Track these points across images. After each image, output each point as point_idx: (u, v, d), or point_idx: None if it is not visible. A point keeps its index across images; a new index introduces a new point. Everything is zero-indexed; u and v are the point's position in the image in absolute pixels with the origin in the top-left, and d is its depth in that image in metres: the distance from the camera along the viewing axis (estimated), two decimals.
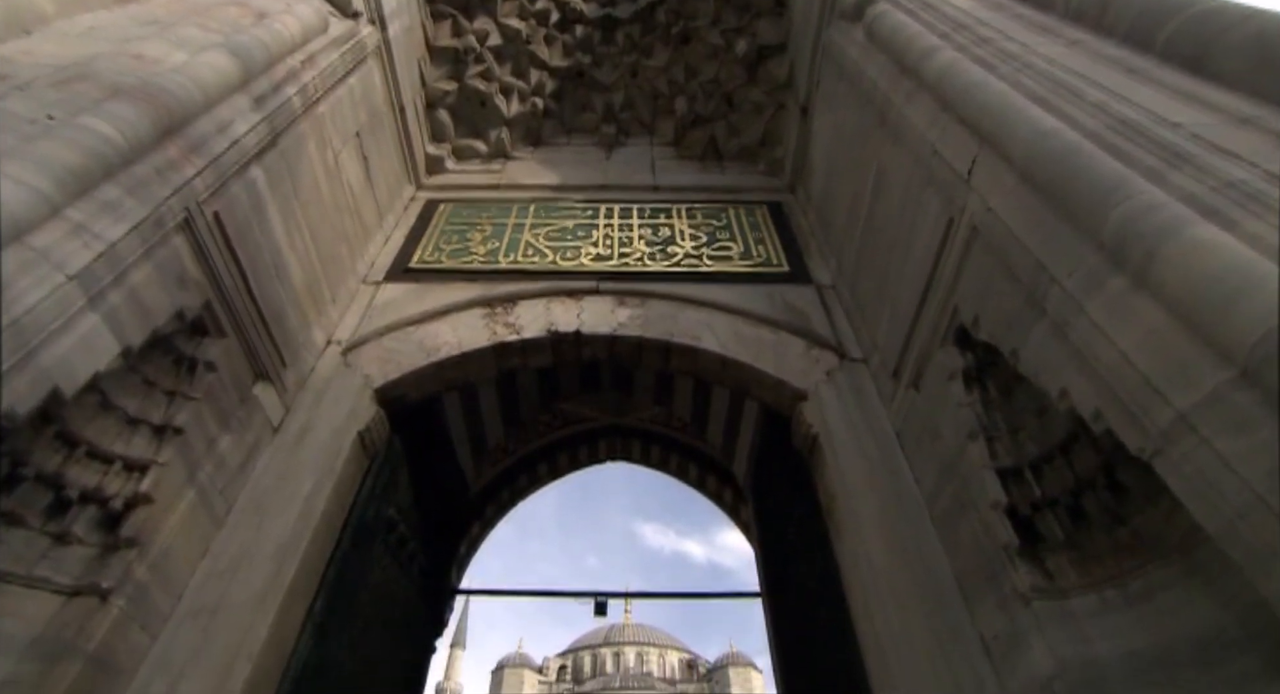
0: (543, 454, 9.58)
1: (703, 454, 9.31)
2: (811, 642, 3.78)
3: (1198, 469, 1.66)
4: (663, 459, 9.73)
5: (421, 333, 4.27)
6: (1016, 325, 2.50)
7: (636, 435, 9.73)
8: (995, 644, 2.64)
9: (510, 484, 9.49)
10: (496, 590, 10.24)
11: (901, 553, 3.05)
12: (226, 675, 2.59)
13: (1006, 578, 2.57)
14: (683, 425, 9.56)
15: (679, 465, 9.69)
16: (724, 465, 9.22)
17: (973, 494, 2.82)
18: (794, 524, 4.04)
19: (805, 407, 3.83)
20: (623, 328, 4.30)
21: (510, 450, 9.51)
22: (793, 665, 4.23)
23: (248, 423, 3.34)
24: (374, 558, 3.68)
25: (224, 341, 3.13)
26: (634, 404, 9.49)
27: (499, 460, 9.43)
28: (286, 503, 3.22)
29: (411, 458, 4.30)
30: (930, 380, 3.27)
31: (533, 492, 9.81)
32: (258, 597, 2.84)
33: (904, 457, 3.51)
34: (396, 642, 4.03)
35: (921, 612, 2.83)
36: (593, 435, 9.76)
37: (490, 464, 9.41)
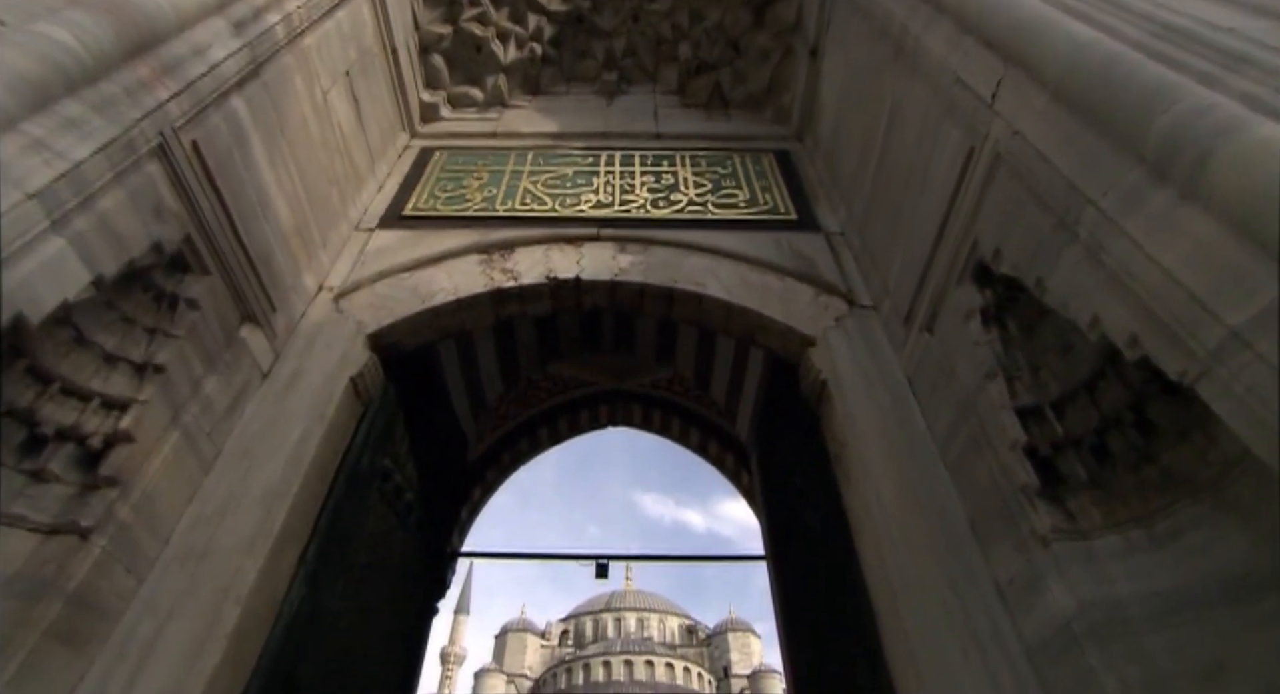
0: (543, 419, 9.55)
1: (704, 419, 9.27)
2: (817, 594, 3.71)
3: (1249, 388, 1.53)
4: (664, 424, 9.67)
5: (416, 279, 4.12)
6: (1043, 253, 2.35)
7: (638, 400, 9.68)
8: (1011, 588, 2.54)
9: (511, 448, 9.47)
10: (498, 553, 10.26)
11: (913, 497, 2.95)
12: (215, 618, 2.50)
13: (1025, 519, 2.47)
14: (684, 390, 9.50)
15: (680, 430, 9.64)
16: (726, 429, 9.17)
17: (990, 435, 2.70)
18: (800, 475, 3.94)
19: (813, 353, 3.70)
20: (624, 274, 4.15)
21: (511, 414, 9.47)
22: (797, 621, 4.18)
23: (235, 366, 3.22)
24: (369, 507, 3.59)
25: (207, 279, 2.98)
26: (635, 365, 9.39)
27: (499, 424, 9.41)
28: (276, 448, 3.11)
29: (408, 409, 4.19)
30: (945, 321, 3.13)
31: (533, 456, 9.80)
32: (246, 541, 2.75)
33: (916, 403, 3.39)
34: (395, 594, 3.97)
35: (934, 556, 2.73)
36: (594, 400, 9.72)
37: (490, 428, 9.39)
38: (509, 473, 9.68)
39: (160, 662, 2.37)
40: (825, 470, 3.51)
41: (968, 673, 2.40)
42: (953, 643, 2.47)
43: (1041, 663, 2.35)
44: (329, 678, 3.13)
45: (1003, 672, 2.38)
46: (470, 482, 9.01)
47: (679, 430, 9.62)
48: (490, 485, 9.50)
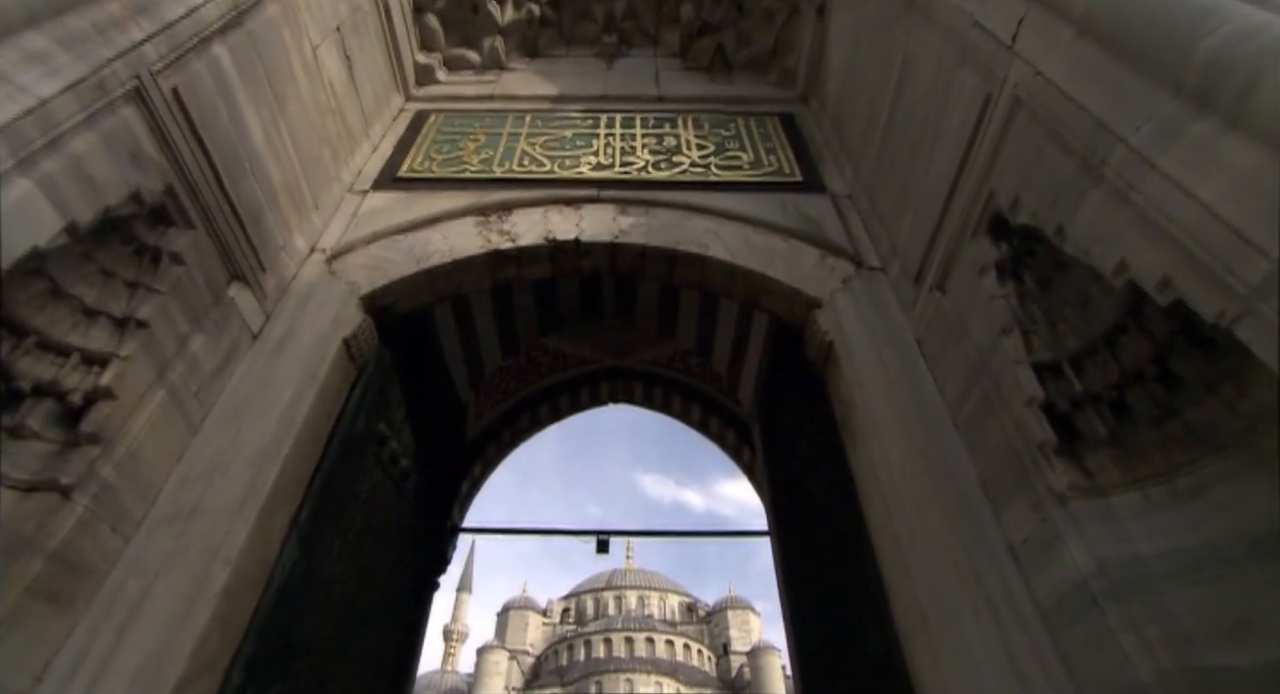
0: (544, 395, 9.49)
1: (705, 395, 9.19)
2: (822, 562, 3.64)
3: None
4: (665, 401, 9.61)
5: (410, 241, 4.01)
6: (1064, 199, 2.23)
7: (638, 377, 9.61)
8: (1024, 548, 2.47)
9: (511, 425, 9.41)
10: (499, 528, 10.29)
11: (923, 459, 2.86)
12: (203, 579, 2.43)
13: (1040, 478, 2.38)
14: (685, 367, 9.42)
15: (681, 407, 9.58)
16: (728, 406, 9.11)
17: (1005, 392, 2.60)
18: (805, 442, 3.85)
19: (820, 314, 3.59)
20: (625, 236, 4.02)
21: (511, 390, 9.40)
22: (801, 592, 4.11)
23: (223, 325, 3.11)
24: (364, 471, 3.51)
25: (192, 234, 2.87)
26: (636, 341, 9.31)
27: (500, 400, 9.35)
28: (267, 409, 3.02)
29: (404, 375, 4.09)
30: (958, 278, 3.02)
31: (534, 433, 9.74)
32: (236, 502, 2.66)
33: (925, 365, 3.29)
34: (393, 562, 3.90)
35: (944, 518, 2.65)
36: (594, 377, 9.65)
37: (491, 404, 9.33)
38: (509, 449, 9.63)
39: (147, 621, 2.30)
40: (831, 435, 3.42)
41: (979, 634, 2.32)
42: (964, 604, 2.40)
43: (1056, 624, 2.28)
44: (326, 644, 3.07)
45: (1015, 633, 2.31)
46: (470, 457, 8.97)
47: (680, 407, 9.56)
48: (491, 461, 9.46)
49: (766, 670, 49.14)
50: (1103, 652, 2.06)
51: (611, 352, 9.43)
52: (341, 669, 3.17)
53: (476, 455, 9.09)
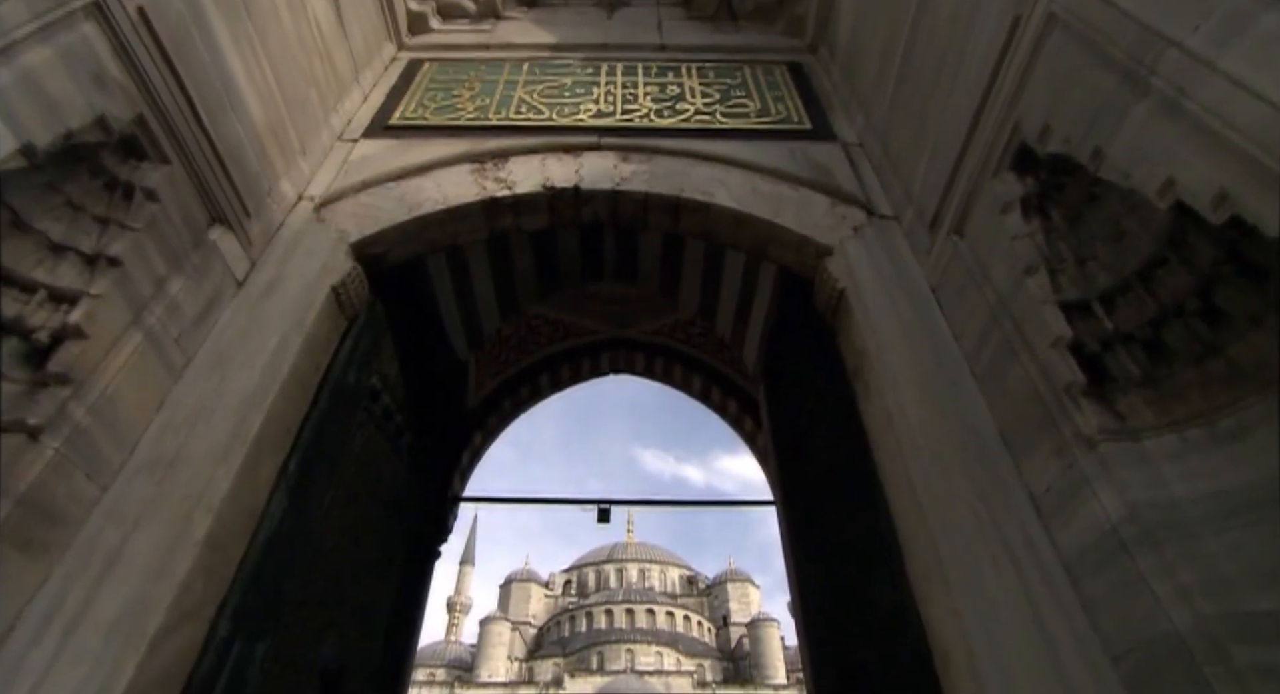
0: (544, 365, 9.41)
1: (707, 366, 9.10)
2: (830, 521, 3.53)
3: None
4: (666, 371, 9.51)
5: (402, 188, 3.83)
6: (1103, 118, 2.06)
7: (639, 348, 9.52)
8: (1046, 497, 2.34)
9: (512, 395, 9.34)
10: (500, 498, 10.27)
11: (939, 408, 2.72)
12: (185, 527, 2.31)
13: (1066, 422, 2.25)
14: (687, 337, 9.29)
15: (683, 377, 9.49)
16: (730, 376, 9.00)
17: (1028, 335, 2.46)
18: (813, 396, 3.72)
19: (830, 261, 3.43)
20: (626, 183, 3.85)
21: (511, 360, 9.31)
22: (808, 550, 4.02)
23: (205, 270, 2.96)
24: (355, 425, 3.39)
25: (167, 170, 2.70)
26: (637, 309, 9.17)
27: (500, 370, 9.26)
28: (251, 356, 2.88)
29: (398, 330, 3.95)
30: (978, 219, 2.85)
31: (534, 403, 9.68)
32: (219, 449, 2.54)
33: (941, 313, 3.14)
34: (388, 521, 3.80)
35: (962, 467, 2.52)
36: (595, 348, 9.56)
37: (491, 374, 9.24)
38: (510, 419, 9.57)
39: (126, 569, 2.19)
40: (841, 387, 3.28)
41: (999, 585, 2.21)
42: (984, 555, 2.28)
43: (1079, 574, 2.16)
44: (318, 599, 2.98)
45: (1037, 584, 2.20)
46: (471, 427, 8.90)
47: (681, 377, 9.47)
48: (491, 431, 9.40)
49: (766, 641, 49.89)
50: (1132, 600, 1.95)
51: (612, 322, 9.32)
52: (335, 626, 3.08)
53: (477, 425, 9.03)
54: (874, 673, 2.81)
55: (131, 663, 2.00)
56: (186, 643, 2.22)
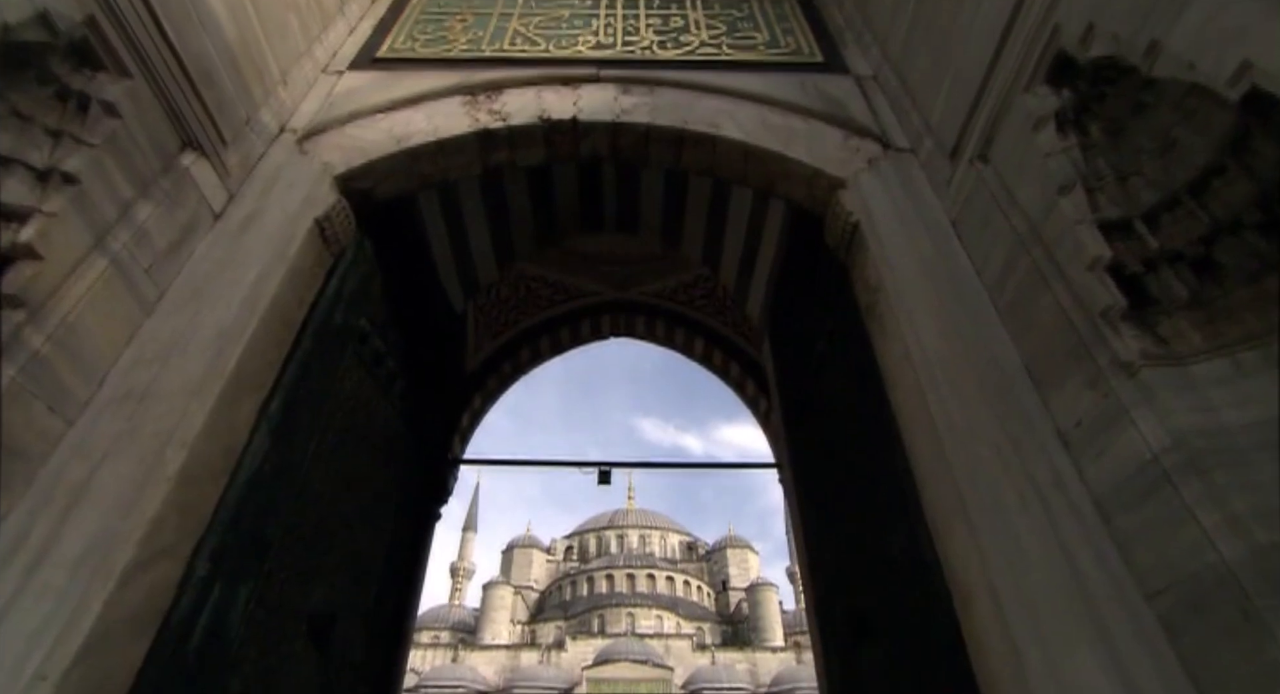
0: (544, 328, 9.27)
1: (709, 328, 8.95)
2: (841, 467, 3.40)
3: None
4: (668, 334, 9.36)
5: (391, 121, 3.61)
6: (1163, 3, 1.84)
7: (640, 311, 9.37)
8: (1077, 432, 2.19)
9: (512, 357, 9.22)
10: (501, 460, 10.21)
11: (960, 343, 2.56)
12: (156, 462, 2.17)
13: (1102, 350, 2.08)
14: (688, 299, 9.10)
15: (685, 340, 9.34)
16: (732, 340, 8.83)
17: (1060, 260, 2.28)
18: (823, 339, 3.55)
19: (844, 194, 3.23)
20: (627, 115, 3.62)
21: (511, 322, 9.17)
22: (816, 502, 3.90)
23: (178, 198, 2.77)
24: (344, 368, 3.23)
25: (128, 83, 2.49)
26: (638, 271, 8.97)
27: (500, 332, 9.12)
28: (229, 289, 2.71)
29: (388, 272, 3.76)
30: (1006, 139, 2.65)
31: (534, 366, 9.56)
32: (194, 383, 2.38)
33: (961, 247, 2.95)
34: (380, 468, 3.66)
35: (985, 402, 2.36)
36: (595, 310, 9.41)
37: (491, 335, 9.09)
38: (510, 382, 9.46)
39: (92, 505, 2.05)
40: (854, 327, 3.11)
41: (1027, 524, 2.07)
42: (1009, 493, 2.14)
43: (1113, 509, 2.02)
44: (304, 545, 2.85)
45: (1066, 520, 2.06)
46: (470, 389, 8.80)
47: (683, 340, 9.33)
48: (491, 393, 9.30)
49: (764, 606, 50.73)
50: (1172, 533, 1.81)
51: (613, 284, 9.14)
52: (323, 572, 2.97)
53: (477, 387, 8.92)
54: (887, 622, 2.70)
55: (99, 599, 1.87)
56: (160, 581, 2.09)
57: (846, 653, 3.08)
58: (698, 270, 8.58)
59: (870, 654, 2.82)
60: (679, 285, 8.93)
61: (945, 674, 2.24)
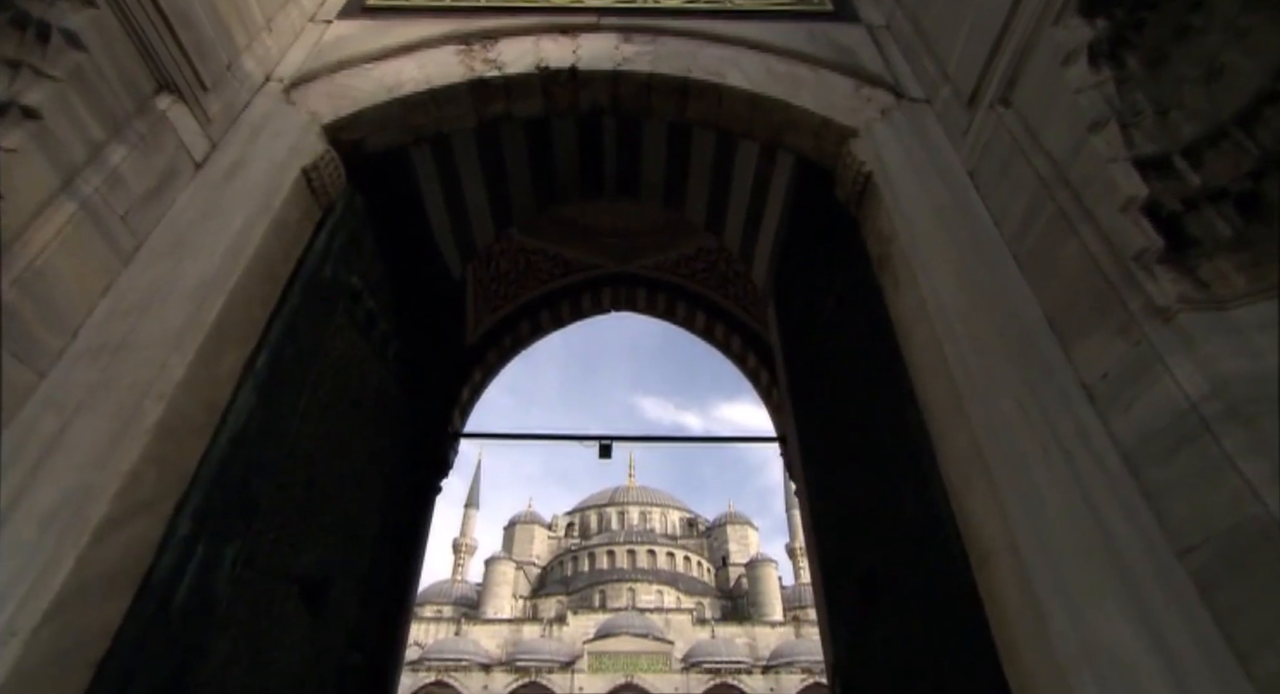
0: (544, 301, 9.17)
1: (711, 302, 8.85)
2: (849, 430, 3.28)
3: None
4: (669, 308, 9.25)
5: (382, 70, 3.45)
6: None
7: (642, 284, 9.26)
8: (1103, 384, 2.07)
9: (512, 331, 9.14)
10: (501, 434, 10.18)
11: (978, 294, 2.43)
12: (133, 415, 2.06)
13: (1135, 296, 1.95)
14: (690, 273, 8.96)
15: (686, 314, 9.24)
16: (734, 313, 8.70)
17: (1089, 202, 2.14)
18: (831, 299, 3.41)
19: (855, 144, 3.08)
20: (628, 64, 3.46)
21: (511, 295, 9.07)
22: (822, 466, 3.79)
23: (154, 143, 2.62)
24: (334, 327, 3.11)
25: (92, 13, 2.33)
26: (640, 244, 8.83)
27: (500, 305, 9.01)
28: (211, 239, 2.58)
29: (381, 231, 3.62)
30: (1032, 78, 2.49)
31: (535, 340, 9.49)
32: (173, 334, 2.26)
33: (979, 197, 2.81)
34: (373, 430, 3.54)
35: (1006, 356, 2.24)
36: (596, 284, 9.30)
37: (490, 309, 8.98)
38: (510, 356, 9.39)
39: (66, 458, 1.95)
40: (866, 283, 2.99)
41: (1049, 478, 1.96)
42: (1031, 447, 2.03)
43: (1142, 462, 1.91)
44: (296, 506, 2.76)
45: (1092, 475, 1.95)
46: (470, 362, 8.73)
47: (684, 314, 9.23)
48: (491, 367, 9.23)
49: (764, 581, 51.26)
50: (1210, 485, 1.70)
51: (614, 257, 9.02)
52: (315, 535, 2.88)
53: (476, 361, 8.85)
54: (897, 584, 2.61)
55: (71, 555, 1.77)
56: (138, 538, 1.99)
57: (854, 618, 3.00)
58: (699, 242, 8.45)
59: (880, 618, 2.74)
60: (680, 258, 8.80)
61: (959, 636, 2.15)
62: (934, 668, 2.29)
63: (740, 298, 8.54)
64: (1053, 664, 1.67)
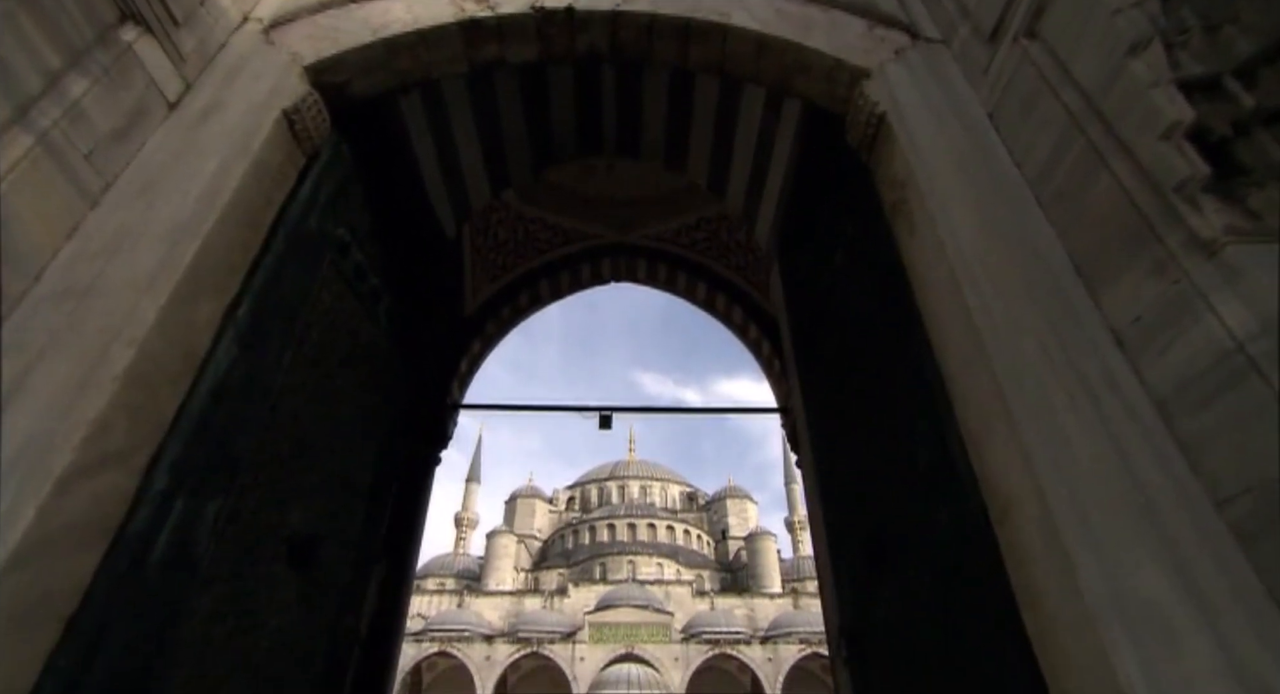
0: (543, 271, 9.04)
1: (712, 272, 8.73)
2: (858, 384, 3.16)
3: None
4: (670, 278, 9.11)
5: (366, 10, 3.25)
6: None
7: (642, 254, 9.13)
8: (1135, 328, 1.94)
9: (511, 301, 9.03)
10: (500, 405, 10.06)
11: (999, 237, 2.29)
12: (100, 360, 1.93)
13: (1175, 230, 1.81)
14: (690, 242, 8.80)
15: (687, 285, 9.10)
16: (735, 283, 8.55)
17: (1126, 132, 1.98)
18: (841, 251, 3.27)
19: (868, 85, 2.91)
20: (628, 3, 3.26)
21: (509, 265, 8.95)
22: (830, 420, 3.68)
23: (120, 79, 2.46)
24: (321, 279, 2.96)
25: None
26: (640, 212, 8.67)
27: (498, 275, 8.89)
28: (186, 181, 2.43)
29: (370, 183, 3.46)
30: (1062, 6, 2.31)
31: (534, 311, 9.40)
32: (144, 278, 2.13)
33: (999, 140, 2.65)
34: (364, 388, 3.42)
35: (1030, 299, 2.11)
36: (595, 254, 9.18)
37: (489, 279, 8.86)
38: (509, 327, 9.31)
39: (27, 404, 1.82)
40: (876, 231, 2.84)
41: (1077, 425, 1.84)
42: (1057, 391, 1.90)
43: (1178, 409, 1.78)
44: (283, 464, 2.64)
45: (1122, 422, 1.83)
46: (469, 334, 8.64)
47: (685, 285, 9.10)
48: (490, 338, 9.15)
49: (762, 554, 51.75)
50: (1254, 430, 1.57)
51: (614, 226, 8.87)
52: (302, 496, 2.77)
53: (475, 332, 8.76)
54: (908, 541, 2.51)
55: (31, 506, 1.66)
56: (108, 489, 1.87)
57: (862, 579, 2.92)
58: (700, 212, 8.28)
59: (889, 578, 2.64)
60: (681, 228, 8.65)
61: (974, 593, 2.06)
62: (947, 623, 2.19)
63: (742, 267, 8.39)
64: (1080, 613, 1.56)
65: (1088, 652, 1.55)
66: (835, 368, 3.41)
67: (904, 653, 2.54)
